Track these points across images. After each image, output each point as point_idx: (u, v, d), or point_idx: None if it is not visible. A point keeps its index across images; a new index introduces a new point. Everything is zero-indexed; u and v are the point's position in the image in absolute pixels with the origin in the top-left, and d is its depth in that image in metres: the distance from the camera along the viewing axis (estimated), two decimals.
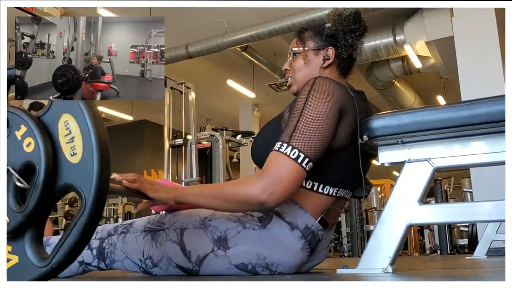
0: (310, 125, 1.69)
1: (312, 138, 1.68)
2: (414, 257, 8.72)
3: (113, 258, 1.99)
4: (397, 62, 10.73)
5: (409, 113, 1.66)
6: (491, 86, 6.31)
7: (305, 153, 1.65)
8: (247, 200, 1.66)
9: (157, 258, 1.90)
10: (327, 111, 1.72)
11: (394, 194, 1.64)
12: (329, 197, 1.86)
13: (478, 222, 5.65)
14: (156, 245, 1.90)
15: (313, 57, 2.03)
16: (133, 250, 1.95)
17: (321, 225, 1.84)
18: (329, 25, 2.03)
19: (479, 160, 1.60)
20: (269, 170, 1.65)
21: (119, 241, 1.98)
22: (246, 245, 1.79)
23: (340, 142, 1.78)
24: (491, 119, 1.52)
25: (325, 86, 1.77)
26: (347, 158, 1.82)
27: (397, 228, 1.60)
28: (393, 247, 1.60)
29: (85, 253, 2.01)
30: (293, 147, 1.65)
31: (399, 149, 1.69)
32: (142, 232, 1.95)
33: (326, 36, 2.01)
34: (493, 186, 4.58)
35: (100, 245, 2.01)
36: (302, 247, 1.82)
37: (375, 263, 1.62)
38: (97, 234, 2.04)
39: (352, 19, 1.98)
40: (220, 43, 9.53)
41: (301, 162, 1.64)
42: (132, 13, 8.60)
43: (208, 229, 1.84)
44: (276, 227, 1.81)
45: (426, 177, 1.61)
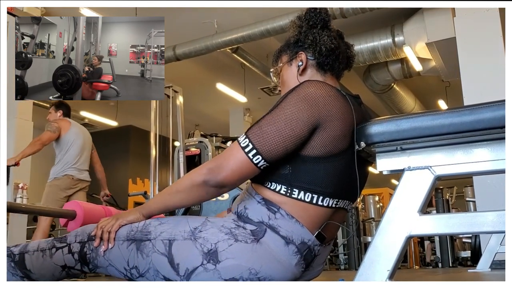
0: (272, 124, 1.77)
1: (270, 136, 1.75)
2: (414, 270, 8.73)
3: (96, 264, 1.97)
4: (396, 65, 10.76)
5: (408, 118, 1.66)
6: (495, 90, 6.31)
7: (258, 150, 1.74)
8: (196, 182, 1.81)
9: (144, 269, 1.89)
10: (296, 115, 1.76)
11: (393, 203, 1.63)
12: (328, 209, 1.85)
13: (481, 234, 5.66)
14: (142, 255, 1.88)
15: (288, 69, 2.10)
16: (117, 258, 1.93)
17: (318, 239, 1.84)
18: (291, 33, 2.11)
19: (482, 168, 1.60)
20: (219, 156, 1.81)
21: (101, 246, 1.95)
22: (237, 260, 1.77)
23: (332, 148, 1.78)
24: (495, 125, 1.52)
25: (306, 90, 1.80)
26: (344, 166, 1.82)
27: (396, 240, 1.60)
28: (392, 259, 1.60)
29: (67, 257, 1.98)
30: (246, 138, 1.77)
31: (398, 156, 1.69)
32: (125, 240, 1.92)
33: (292, 44, 2.09)
34: (497, 195, 4.58)
35: (81, 250, 1.97)
36: (296, 262, 1.81)
37: (373, 276, 1.61)
38: (76, 236, 2.01)
39: (308, 16, 2.06)
40: (210, 45, 9.54)
41: (251, 154, 1.75)
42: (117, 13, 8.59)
43: (198, 241, 1.82)
44: (270, 241, 1.80)
45: (426, 186, 1.61)
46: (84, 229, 2.04)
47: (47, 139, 6.10)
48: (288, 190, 1.82)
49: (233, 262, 1.77)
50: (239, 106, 14.61)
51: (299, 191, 1.82)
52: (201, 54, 9.88)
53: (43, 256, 1.99)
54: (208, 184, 1.79)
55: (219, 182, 1.78)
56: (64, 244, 1.99)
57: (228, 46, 9.60)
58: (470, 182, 9.38)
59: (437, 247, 10.06)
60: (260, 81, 11.74)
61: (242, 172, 1.77)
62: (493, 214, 1.51)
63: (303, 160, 1.79)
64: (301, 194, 1.82)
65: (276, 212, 1.81)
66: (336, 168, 1.81)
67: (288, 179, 1.81)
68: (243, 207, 1.89)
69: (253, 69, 11.10)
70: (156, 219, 1.95)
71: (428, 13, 8.89)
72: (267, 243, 1.79)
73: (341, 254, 9.77)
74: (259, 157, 1.74)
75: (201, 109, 14.68)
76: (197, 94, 13.02)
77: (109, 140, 15.46)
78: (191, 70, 11.85)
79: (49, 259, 1.99)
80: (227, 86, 12.63)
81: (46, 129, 6.16)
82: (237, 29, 9.20)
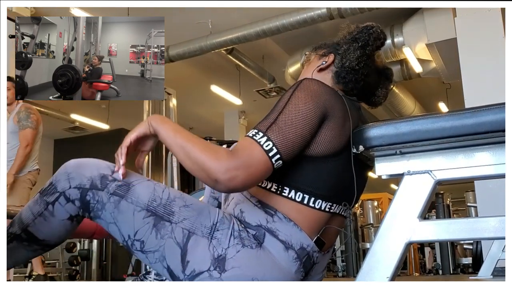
0: (290, 124, 1.72)
1: (289, 137, 1.71)
2: (414, 277, 8.74)
3: (99, 215, 1.83)
4: (396, 66, 10.75)
5: (408, 121, 1.66)
6: (497, 92, 6.31)
7: (279, 150, 1.68)
8: (207, 171, 1.66)
9: (150, 248, 1.80)
10: (308, 113, 1.75)
11: (392, 209, 1.63)
12: (323, 213, 1.85)
13: (483, 240, 5.66)
14: (157, 235, 1.79)
15: (315, 60, 2.16)
16: (126, 222, 1.81)
17: (317, 245, 1.84)
18: (340, 33, 2.14)
19: (484, 172, 1.60)
20: (240, 154, 1.67)
21: (110, 203, 1.81)
22: (243, 269, 1.76)
23: (325, 148, 1.79)
24: (497, 128, 1.52)
25: (311, 87, 1.80)
26: (339, 169, 1.83)
27: (396, 246, 1.60)
28: (391, 266, 1.59)
29: (68, 207, 1.82)
30: (268, 139, 1.68)
31: (397, 160, 1.68)
32: (143, 209, 1.80)
33: (334, 43, 2.13)
34: (499, 200, 4.56)
35: (83, 197, 1.81)
36: (296, 269, 1.81)
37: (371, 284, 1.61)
38: (70, 181, 1.82)
39: (360, 30, 2.06)
40: (204, 46, 9.53)
41: (272, 156, 1.67)
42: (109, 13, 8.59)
43: (212, 242, 1.78)
44: (271, 245, 1.79)
45: (427, 191, 1.61)
46: (80, 171, 1.84)
47: (32, 139, 5.88)
48: (278, 188, 1.82)
49: (238, 271, 1.75)
50: (234, 109, 14.61)
51: (289, 190, 1.82)
52: (195, 55, 9.86)
53: (45, 219, 1.83)
54: (218, 185, 1.68)
55: (230, 188, 1.69)
56: (57, 194, 1.82)
57: (223, 47, 9.58)
58: (471, 186, 9.38)
59: (438, 254, 10.06)
60: (256, 83, 11.73)
61: (258, 177, 1.70)
62: (495, 219, 1.51)
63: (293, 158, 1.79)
64: (292, 193, 1.82)
65: (274, 215, 1.80)
66: (328, 170, 1.82)
67: (278, 176, 1.81)
68: (239, 210, 1.88)
69: (249, 71, 11.08)
70: (181, 198, 1.86)
71: (428, 13, 8.90)
72: (268, 248, 1.79)
73: (339, 259, 9.76)
74: (278, 157, 1.69)
75: (195, 111, 14.67)
76: (191, 97, 13.01)
77: (100, 144, 15.37)
78: (185, 72, 11.84)
79: (53, 218, 1.83)
80: (222, 88, 12.62)
81: (24, 125, 5.85)
82: (232, 30, 9.19)
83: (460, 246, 10.39)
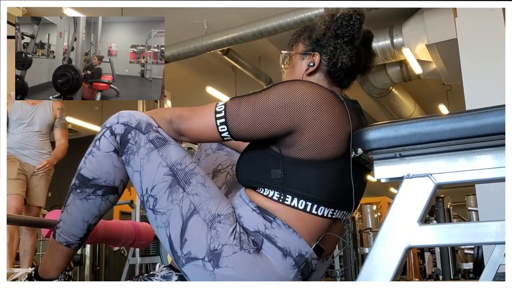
0: (252, 106, 1.82)
1: (243, 116, 1.81)
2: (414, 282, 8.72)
3: (129, 160, 1.91)
4: (395, 67, 10.77)
5: (408, 123, 1.66)
6: (498, 94, 6.29)
7: (228, 122, 1.82)
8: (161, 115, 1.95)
9: (160, 208, 1.85)
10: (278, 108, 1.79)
11: (392, 213, 1.63)
12: (324, 220, 1.85)
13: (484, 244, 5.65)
14: (168, 197, 1.84)
15: (299, 61, 2.08)
16: (148, 174, 1.87)
17: (316, 252, 1.83)
18: (319, 27, 2.04)
19: (485, 175, 1.60)
20: (194, 108, 1.91)
21: (144, 148, 1.88)
22: (237, 271, 1.76)
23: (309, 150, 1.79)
24: (499, 131, 1.52)
25: (298, 88, 1.82)
26: (339, 173, 1.82)
27: (395, 251, 1.60)
28: (391, 272, 1.59)
29: (112, 139, 1.93)
30: (224, 107, 1.84)
31: (397, 163, 1.68)
32: (167, 166, 1.87)
33: (314, 39, 2.05)
34: (500, 204, 4.56)
35: (125, 134, 1.91)
36: (294, 277, 1.81)
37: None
38: (120, 118, 1.95)
39: (340, 23, 1.96)
40: (199, 46, 9.52)
41: (219, 123, 1.83)
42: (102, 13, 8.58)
43: (211, 231, 1.79)
44: (269, 252, 1.79)
45: (427, 194, 1.61)
46: (131, 113, 1.98)
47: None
48: (281, 196, 1.82)
49: (232, 272, 1.76)
50: None
51: (292, 198, 1.81)
52: (190, 56, 9.85)
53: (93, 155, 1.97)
54: (171, 124, 1.91)
55: (180, 130, 1.91)
56: (104, 129, 1.97)
57: (218, 47, 9.57)
58: (472, 190, 9.38)
59: (438, 259, 10.05)
60: (252, 84, 11.70)
61: (204, 133, 1.87)
62: (497, 224, 1.51)
63: (294, 164, 1.79)
64: (294, 201, 1.81)
65: (273, 222, 1.80)
66: (330, 175, 1.81)
67: (280, 184, 1.81)
68: (237, 215, 1.88)
69: (245, 72, 11.07)
70: (203, 177, 1.91)
71: (428, 14, 8.89)
72: (266, 255, 1.79)
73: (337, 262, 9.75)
74: (225, 128, 1.81)
75: None
76: (186, 98, 12.99)
77: None
78: (179, 73, 11.83)
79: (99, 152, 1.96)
80: (218, 90, 12.60)
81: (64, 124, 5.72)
82: (228, 30, 9.18)
83: (461, 251, 10.38)
